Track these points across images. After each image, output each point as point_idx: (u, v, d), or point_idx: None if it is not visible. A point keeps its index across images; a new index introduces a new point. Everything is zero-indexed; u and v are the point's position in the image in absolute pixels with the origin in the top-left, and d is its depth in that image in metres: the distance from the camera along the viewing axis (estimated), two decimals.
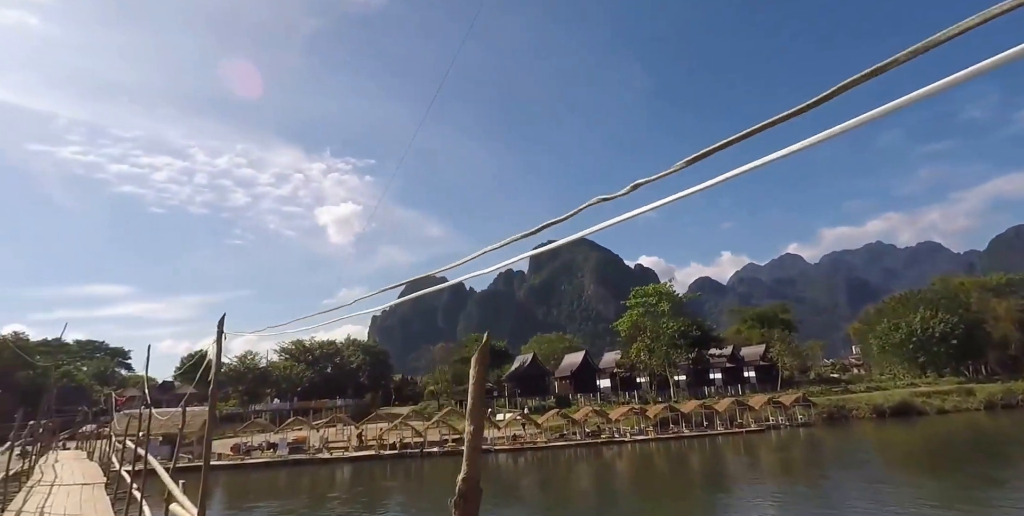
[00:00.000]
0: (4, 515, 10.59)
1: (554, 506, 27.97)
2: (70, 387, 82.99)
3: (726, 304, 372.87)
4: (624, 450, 47.97)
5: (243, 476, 41.52)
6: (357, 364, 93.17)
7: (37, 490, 13.83)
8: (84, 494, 12.69)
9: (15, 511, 10.67)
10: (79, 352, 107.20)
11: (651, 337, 76.72)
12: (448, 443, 48.36)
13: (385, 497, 31.81)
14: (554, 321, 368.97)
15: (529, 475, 39.88)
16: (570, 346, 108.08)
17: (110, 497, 12.73)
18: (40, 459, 26.46)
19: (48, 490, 13.79)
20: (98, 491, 13.63)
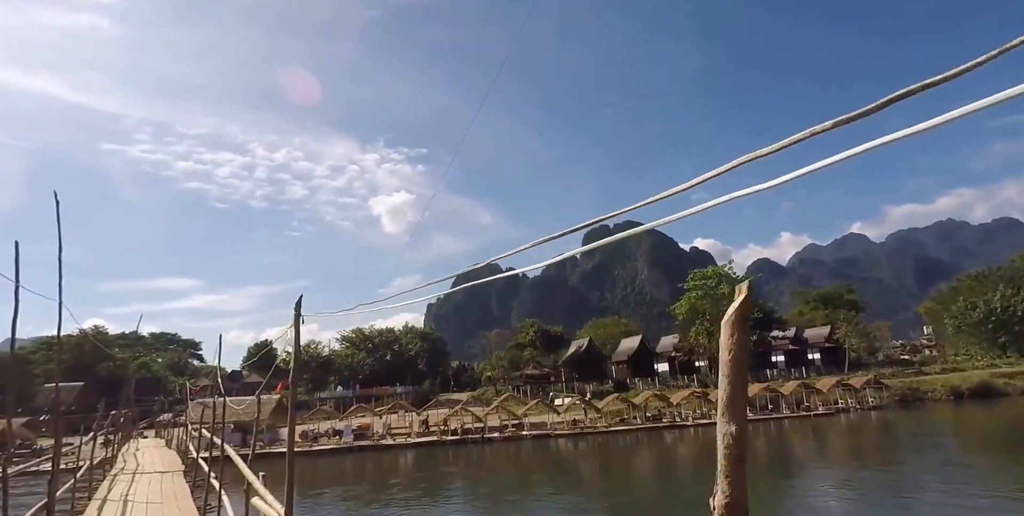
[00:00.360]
0: (91, 502, 10.98)
1: (615, 492, 27.55)
2: (147, 378, 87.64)
3: (786, 286, 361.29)
4: (686, 434, 47.08)
5: (311, 462, 42.80)
6: (415, 351, 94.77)
7: (120, 478, 14.38)
8: (164, 482, 13.11)
9: (101, 499, 11.05)
10: (154, 344, 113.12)
11: (710, 320, 74.93)
12: (508, 429, 48.63)
13: (447, 483, 32.10)
14: (608, 306, 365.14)
15: (590, 460, 39.61)
16: (626, 330, 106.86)
17: (189, 485, 13.08)
18: (122, 447, 27.77)
19: (131, 478, 14.33)
20: (177, 479, 14.06)
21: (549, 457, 40.59)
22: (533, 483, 29.61)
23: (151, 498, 10.88)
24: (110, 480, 14.13)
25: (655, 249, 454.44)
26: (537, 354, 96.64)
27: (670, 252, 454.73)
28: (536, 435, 46.75)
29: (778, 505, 22.66)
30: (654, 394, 53.98)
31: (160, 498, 10.91)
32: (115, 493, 11.81)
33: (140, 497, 11.03)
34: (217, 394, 27.42)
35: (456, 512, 23.95)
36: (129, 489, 12.20)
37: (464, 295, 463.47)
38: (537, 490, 27.63)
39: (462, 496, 27.97)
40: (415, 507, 24.79)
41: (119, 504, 10.51)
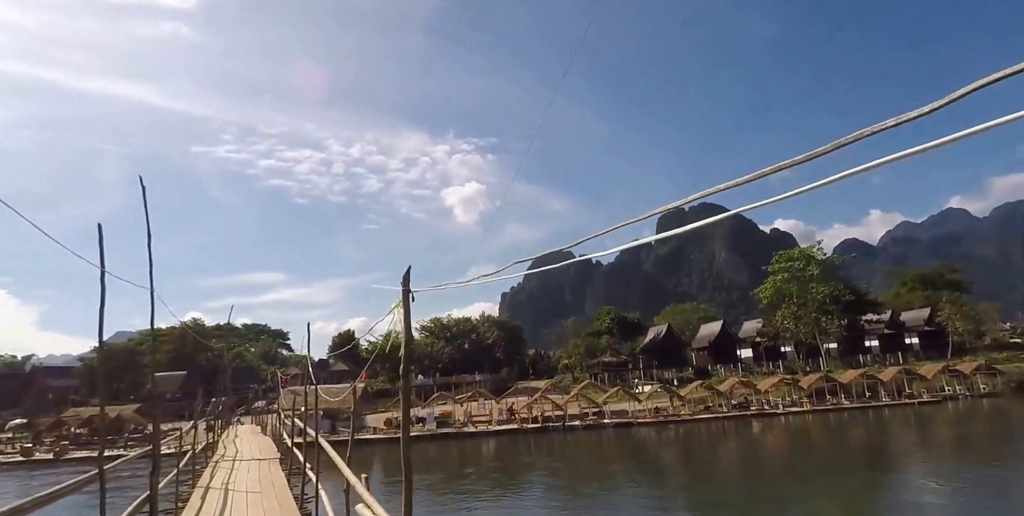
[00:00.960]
0: (194, 491, 11.36)
1: (699, 485, 26.44)
2: (241, 367, 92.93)
3: (877, 266, 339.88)
4: (776, 423, 45.03)
5: (396, 449, 43.88)
6: (492, 340, 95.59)
7: (222, 465, 14.94)
8: (262, 470, 13.48)
9: (203, 486, 11.41)
10: (246, 335, 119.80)
11: (798, 304, 71.22)
12: (589, 416, 48.13)
13: (528, 471, 32.00)
14: (684, 291, 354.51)
15: (674, 449, 38.54)
16: (705, 316, 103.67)
17: (285, 473, 13.37)
18: (223, 433, 29.20)
19: (230, 465, 14.85)
20: (274, 467, 14.44)
21: (631, 446, 39.81)
22: (613, 473, 28.97)
23: (250, 487, 11.15)
24: (212, 467, 14.70)
25: (733, 232, 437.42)
26: (614, 341, 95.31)
27: (749, 235, 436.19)
28: (618, 423, 45.99)
29: (874, 502, 20.96)
30: (739, 381, 51.90)
31: (259, 487, 11.16)
32: (216, 480, 12.19)
33: (240, 485, 11.31)
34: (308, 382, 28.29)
35: (535, 502, 23.67)
36: (229, 477, 12.59)
37: (537, 284, 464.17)
38: (617, 481, 26.99)
39: (542, 485, 27.74)
40: (497, 496, 24.79)
41: (220, 492, 10.80)
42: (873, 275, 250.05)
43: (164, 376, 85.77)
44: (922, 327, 77.40)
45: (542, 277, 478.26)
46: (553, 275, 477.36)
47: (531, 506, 22.69)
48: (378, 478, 30.67)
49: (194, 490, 11.52)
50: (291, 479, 12.36)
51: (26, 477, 39.09)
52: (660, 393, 51.07)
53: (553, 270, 31.36)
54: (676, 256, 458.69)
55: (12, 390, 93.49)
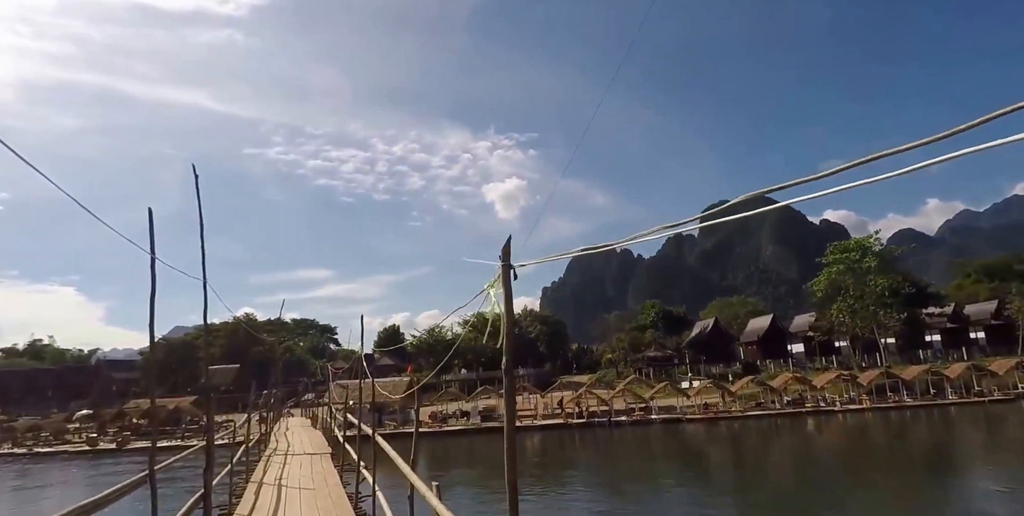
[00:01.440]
0: (248, 486, 11.32)
1: (751, 484, 25.42)
2: (291, 360, 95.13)
3: (935, 258, 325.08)
4: (833, 421, 43.32)
5: (442, 442, 44.03)
6: (535, 335, 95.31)
7: (274, 459, 14.97)
8: (314, 465, 13.40)
9: (257, 482, 11.36)
10: (296, 329, 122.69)
11: (854, 296, 68.30)
12: (636, 412, 47.30)
13: (572, 467, 31.53)
14: (730, 285, 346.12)
15: (724, 447, 37.43)
16: (753, 310, 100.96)
17: (337, 469, 13.27)
18: (274, 426, 29.64)
19: (283, 459, 14.87)
20: (326, 462, 14.37)
21: (679, 443, 38.88)
22: (659, 472, 28.18)
23: (303, 483, 11.04)
24: (265, 461, 14.74)
25: (780, 224, 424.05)
26: (659, 336, 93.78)
27: (797, 226, 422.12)
28: (666, 419, 45.03)
29: (941, 509, 19.59)
30: (793, 377, 50.12)
31: (312, 483, 11.04)
32: (269, 476, 12.16)
33: (293, 481, 11.22)
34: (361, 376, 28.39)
35: (575, 501, 23.09)
36: (282, 472, 12.54)
37: (579, 278, 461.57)
38: (662, 480, 26.20)
39: (583, 483, 27.15)
40: (538, 494, 24.36)
41: (273, 488, 10.73)
42: (931, 266, 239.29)
43: (218, 369, 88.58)
44: (988, 321, 73.47)
45: (583, 271, 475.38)
46: (594, 269, 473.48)
47: (571, 505, 22.17)
48: (425, 473, 30.67)
49: (248, 485, 11.49)
50: (343, 475, 12.23)
51: (92, 466, 40.67)
52: (710, 389, 49.78)
53: (595, 264, 30.66)
54: (721, 249, 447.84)
55: (79, 382, 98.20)
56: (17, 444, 54.75)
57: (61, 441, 55.93)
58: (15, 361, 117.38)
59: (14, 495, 31.33)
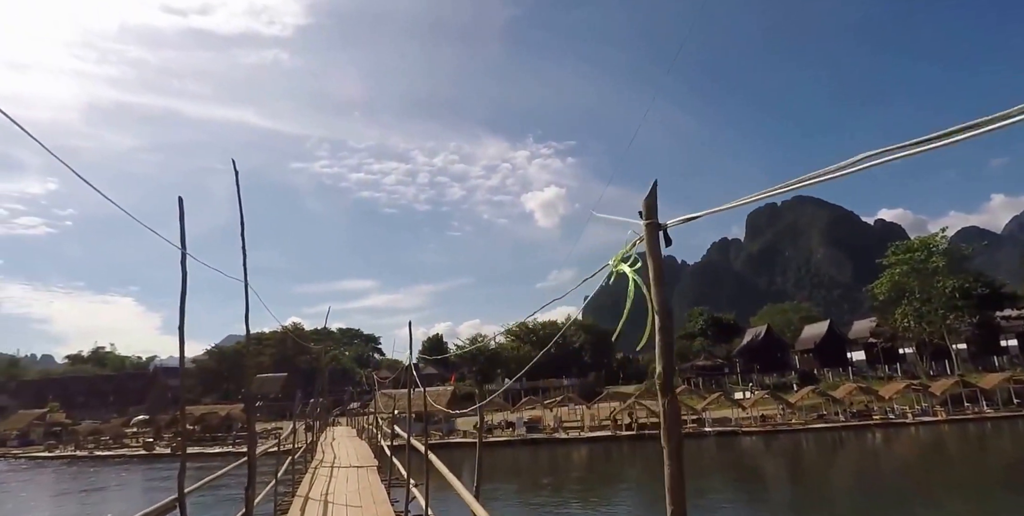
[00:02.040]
0: (294, 500, 10.71)
1: (814, 503, 23.55)
2: (337, 369, 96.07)
3: (1003, 256, 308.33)
4: (903, 434, 40.62)
5: (487, 453, 43.10)
6: (580, 344, 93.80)
7: (320, 472, 14.38)
8: (361, 480, 12.72)
9: (303, 496, 10.75)
10: (341, 339, 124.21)
11: (920, 299, 64.30)
12: (688, 424, 45.44)
13: (619, 481, 30.20)
14: (779, 290, 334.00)
15: (784, 462, 35.40)
16: (807, 316, 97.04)
17: (384, 484, 12.57)
18: (320, 436, 29.32)
19: (329, 472, 14.27)
20: (372, 476, 13.70)
21: (736, 457, 36.98)
22: (715, 488, 26.49)
23: (350, 498, 10.37)
24: (311, 473, 14.17)
25: (832, 225, 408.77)
26: (708, 344, 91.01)
27: (850, 227, 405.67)
28: (720, 432, 43.06)
29: None
30: (858, 386, 47.37)
31: (359, 499, 10.37)
32: (316, 490, 11.54)
33: (339, 496, 10.57)
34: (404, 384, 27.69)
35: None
36: (328, 486, 11.90)
37: (620, 286, 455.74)
38: (715, 495, 24.61)
39: (628, 500, 25.79)
40: (586, 508, 23.22)
41: (320, 504, 10.08)
42: (1000, 266, 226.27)
43: (266, 377, 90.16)
44: None
45: (624, 280, 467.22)
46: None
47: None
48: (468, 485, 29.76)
49: (293, 499, 10.88)
50: (391, 490, 11.51)
51: (148, 469, 41.34)
52: (766, 399, 47.49)
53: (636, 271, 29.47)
54: (768, 253, 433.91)
55: (137, 388, 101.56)
56: (79, 447, 56.57)
57: (120, 445, 57.49)
58: (80, 367, 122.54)
59: (77, 497, 32.20)
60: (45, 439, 63.00)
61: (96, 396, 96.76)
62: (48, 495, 34.38)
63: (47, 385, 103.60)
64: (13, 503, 31.40)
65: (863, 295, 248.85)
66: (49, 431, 66.07)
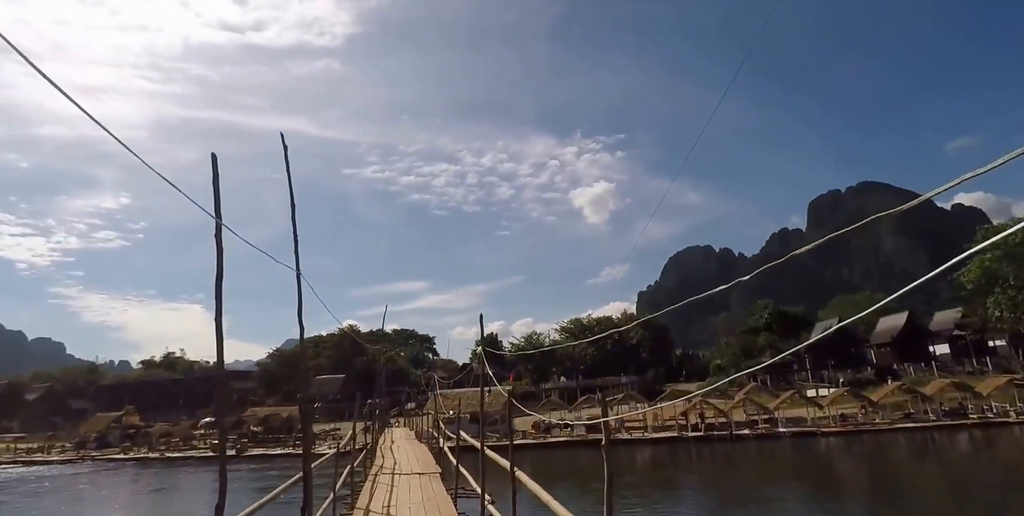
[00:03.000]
0: (354, 512, 9.64)
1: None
2: (393, 370, 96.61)
3: None
4: (1005, 435, 37.02)
5: (546, 454, 41.80)
6: (637, 340, 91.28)
7: (380, 480, 13.34)
8: (424, 489, 11.56)
9: (363, 508, 9.64)
10: (396, 339, 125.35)
11: (1015, 287, 58.93)
12: (759, 424, 42.95)
13: (682, 486, 28.25)
14: (845, 282, 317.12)
15: (867, 466, 32.53)
16: (883, 307, 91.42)
17: (450, 493, 11.43)
18: (379, 439, 28.62)
19: (389, 480, 13.22)
20: (436, 484, 12.55)
21: (813, 461, 34.38)
22: (789, 497, 24.31)
23: (414, 511, 9.20)
24: (371, 482, 13.15)
25: (903, 212, 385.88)
26: (774, 339, 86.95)
27: (924, 213, 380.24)
28: (796, 433, 40.34)
29: None
30: (952, 383, 43.62)
31: (423, 511, 9.19)
32: (376, 501, 10.45)
33: (403, 510, 9.40)
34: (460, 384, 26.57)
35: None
36: (390, 497, 10.80)
37: (675, 281, 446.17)
38: (808, 504, 22.43)
39: (695, 504, 23.90)
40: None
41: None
42: None
43: (325, 379, 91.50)
44: None
45: (680, 273, 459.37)
46: (693, 270, 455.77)
47: None
48: None
49: (353, 512, 9.81)
50: (458, 503, 10.31)
51: (215, 470, 41.91)
52: (845, 397, 44.35)
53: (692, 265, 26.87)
54: (834, 244, 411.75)
55: (204, 391, 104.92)
56: (152, 448, 58.38)
57: (189, 447, 59.00)
58: (152, 372, 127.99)
59: (148, 496, 32.95)
60: (121, 441, 65.38)
61: (167, 399, 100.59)
62: (125, 494, 35.57)
63: (122, 389, 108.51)
64: (95, 501, 32.42)
65: (940, 286, 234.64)
66: (125, 433, 68.60)
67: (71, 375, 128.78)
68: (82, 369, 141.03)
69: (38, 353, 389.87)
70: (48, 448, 64.15)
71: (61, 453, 60.36)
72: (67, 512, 28.86)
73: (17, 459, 57.42)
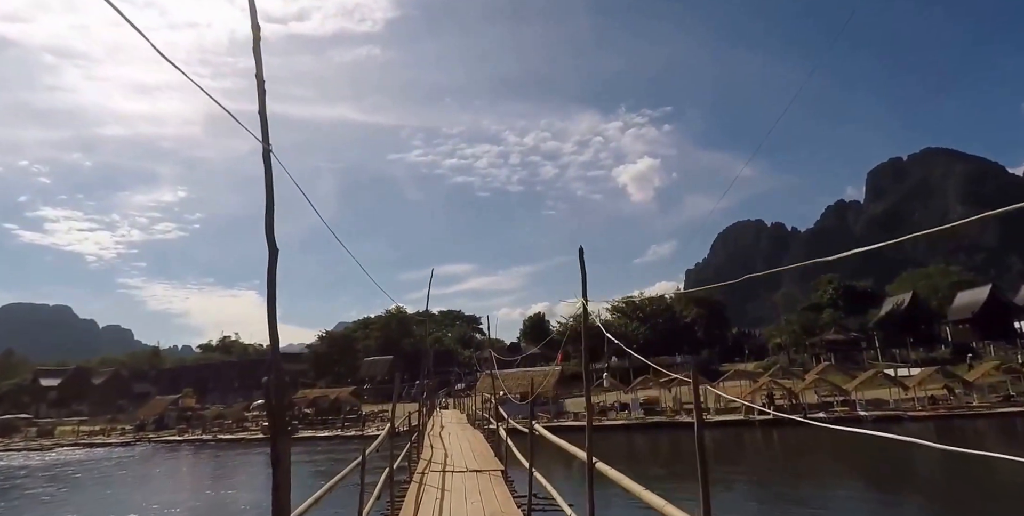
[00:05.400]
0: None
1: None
2: (440, 351, 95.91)
3: None
4: None
5: (602, 438, 39.31)
6: (691, 318, 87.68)
7: (428, 482, 11.09)
8: (484, 494, 9.13)
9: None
10: (443, 321, 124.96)
11: None
12: (835, 407, 39.64)
13: (740, 475, 25.51)
14: (908, 257, 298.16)
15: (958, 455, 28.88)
16: (958, 281, 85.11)
17: (514, 496, 9.26)
18: (429, 421, 26.89)
19: (439, 481, 11.00)
20: (499, 488, 10.18)
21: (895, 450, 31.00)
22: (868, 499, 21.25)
23: None
24: (418, 484, 10.92)
25: (971, 179, 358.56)
26: (839, 315, 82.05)
27: (994, 180, 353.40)
28: (879, 417, 36.86)
29: None
30: None
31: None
32: (425, 509, 8.18)
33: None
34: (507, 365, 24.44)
35: None
36: (440, 506, 8.49)
37: (724, 258, 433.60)
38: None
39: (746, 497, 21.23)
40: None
41: None
42: None
43: (374, 360, 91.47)
44: None
45: (729, 250, 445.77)
46: (742, 247, 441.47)
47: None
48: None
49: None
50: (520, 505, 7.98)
51: (262, 454, 41.44)
52: (934, 377, 40.44)
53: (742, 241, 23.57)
54: (894, 216, 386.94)
55: (259, 374, 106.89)
56: (206, 430, 59.02)
57: (241, 429, 59.36)
58: (209, 355, 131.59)
59: (197, 477, 32.67)
60: (177, 423, 66.53)
61: (223, 382, 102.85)
62: (183, 475, 35.72)
63: (181, 373, 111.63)
64: (154, 482, 32.37)
65: (1013, 259, 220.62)
66: (181, 416, 69.85)
67: (136, 360, 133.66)
68: (146, 354, 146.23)
69: (109, 340, 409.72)
70: (109, 431, 65.77)
71: (121, 435, 61.64)
72: (130, 493, 28.47)
73: (79, 442, 58.86)
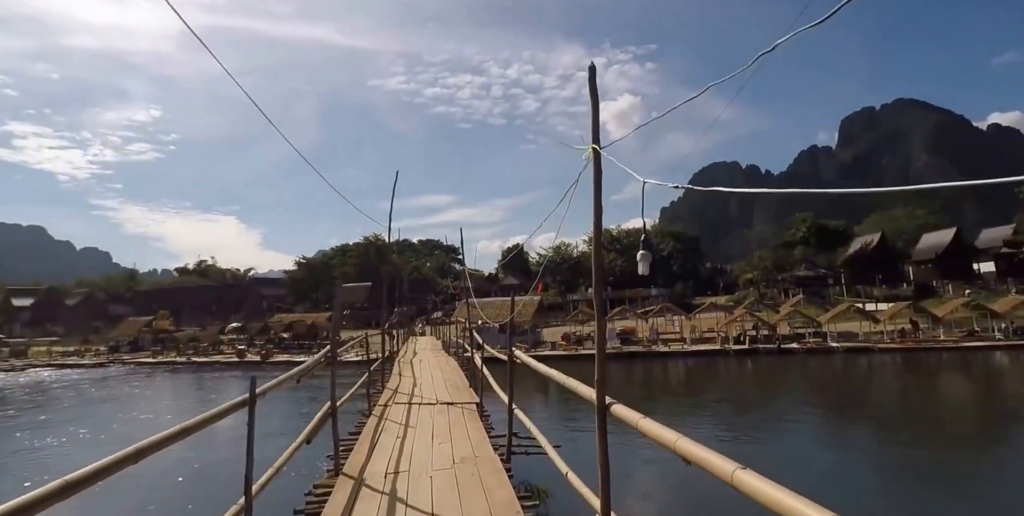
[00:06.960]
0: (338, 480, 6.28)
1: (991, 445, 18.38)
2: (419, 279, 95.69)
3: None
4: None
5: (576, 366, 39.92)
6: (668, 252, 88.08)
7: (391, 416, 10.15)
8: (456, 437, 7.99)
9: (354, 476, 6.17)
10: (421, 250, 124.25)
11: None
12: (809, 338, 40.43)
13: (715, 401, 25.95)
14: (875, 202, 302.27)
15: (932, 387, 29.84)
16: (924, 224, 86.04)
17: (488, 429, 8.64)
18: (402, 349, 26.47)
19: (404, 416, 10.13)
20: (472, 421, 9.43)
21: (869, 377, 31.93)
22: (852, 417, 21.74)
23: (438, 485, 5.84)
24: (378, 419, 9.82)
25: (938, 130, 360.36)
26: (811, 252, 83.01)
27: (959, 133, 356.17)
28: (850, 348, 37.74)
29: None
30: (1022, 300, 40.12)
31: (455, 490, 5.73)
32: (378, 460, 6.90)
33: (420, 484, 5.90)
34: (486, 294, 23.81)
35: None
36: (400, 453, 7.17)
37: (700, 197, 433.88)
38: (853, 429, 19.85)
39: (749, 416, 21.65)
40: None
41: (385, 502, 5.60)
42: None
43: (352, 287, 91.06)
44: None
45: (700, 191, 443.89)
46: (718, 186, 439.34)
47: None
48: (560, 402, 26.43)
49: (337, 479, 6.52)
50: (510, 455, 7.10)
51: (238, 377, 41.33)
52: (904, 312, 41.24)
53: (717, 181, 23.95)
54: (863, 162, 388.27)
55: (234, 298, 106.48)
56: (180, 353, 58.66)
57: (216, 351, 59.19)
58: (186, 279, 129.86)
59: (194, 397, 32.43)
60: (151, 345, 66.11)
61: (199, 305, 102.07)
62: (163, 395, 35.37)
63: (158, 295, 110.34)
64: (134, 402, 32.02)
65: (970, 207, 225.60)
66: (156, 338, 69.37)
67: (112, 283, 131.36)
68: (123, 276, 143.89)
69: (86, 262, 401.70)
70: (83, 352, 65.14)
71: (95, 357, 61.11)
72: (112, 410, 28.01)
73: (52, 362, 58.21)
